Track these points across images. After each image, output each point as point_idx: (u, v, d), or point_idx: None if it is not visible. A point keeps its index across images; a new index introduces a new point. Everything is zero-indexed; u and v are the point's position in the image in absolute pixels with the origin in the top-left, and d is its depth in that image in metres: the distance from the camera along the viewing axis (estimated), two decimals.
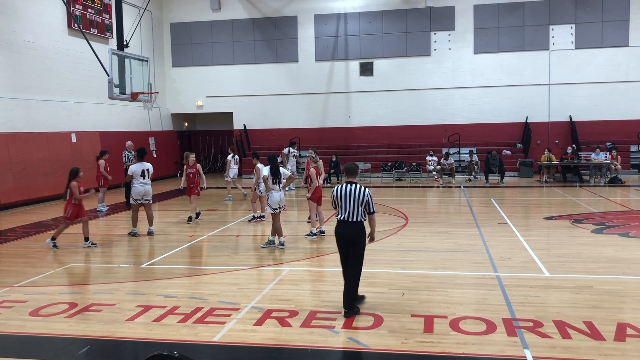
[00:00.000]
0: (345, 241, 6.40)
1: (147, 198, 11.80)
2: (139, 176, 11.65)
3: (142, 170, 11.67)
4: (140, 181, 11.66)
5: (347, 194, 6.39)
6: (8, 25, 16.99)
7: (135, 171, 11.64)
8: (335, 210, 6.57)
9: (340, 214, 6.43)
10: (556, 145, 23.80)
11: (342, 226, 6.43)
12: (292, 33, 25.78)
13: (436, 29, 24.54)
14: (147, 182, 11.76)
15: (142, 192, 11.69)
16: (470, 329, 5.80)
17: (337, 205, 6.49)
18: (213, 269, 8.68)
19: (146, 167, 11.75)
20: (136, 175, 11.63)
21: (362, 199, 6.36)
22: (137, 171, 11.64)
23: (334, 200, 6.51)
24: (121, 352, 5.61)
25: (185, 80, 26.87)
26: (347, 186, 6.44)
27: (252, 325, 6.04)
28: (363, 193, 6.38)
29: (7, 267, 9.09)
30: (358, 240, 6.35)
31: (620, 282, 7.46)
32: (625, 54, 23.16)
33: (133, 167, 11.75)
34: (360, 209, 6.37)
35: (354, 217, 6.36)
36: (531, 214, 14.03)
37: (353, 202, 6.36)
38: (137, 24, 19.52)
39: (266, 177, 10.26)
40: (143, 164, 11.79)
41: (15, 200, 16.44)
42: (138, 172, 11.64)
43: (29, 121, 17.51)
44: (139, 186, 11.67)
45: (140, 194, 11.69)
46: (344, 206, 6.39)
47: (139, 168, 11.68)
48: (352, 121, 25.71)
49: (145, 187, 11.74)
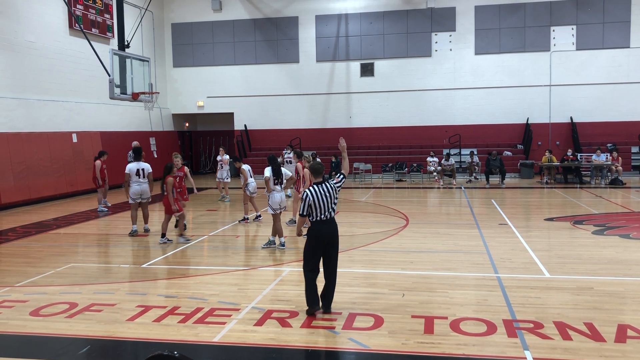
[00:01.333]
0: (327, 241, 6.37)
1: (144, 197, 11.89)
2: (134, 175, 11.75)
3: (137, 170, 11.77)
4: (136, 180, 11.76)
5: (321, 194, 6.37)
6: (9, 25, 17.01)
7: (131, 170, 11.75)
8: (305, 216, 6.43)
9: (317, 215, 6.36)
10: (557, 147, 23.79)
11: (322, 226, 6.37)
12: (293, 33, 25.79)
13: (437, 29, 24.54)
14: (142, 182, 11.83)
15: (138, 192, 11.79)
16: (470, 330, 5.80)
17: (314, 209, 6.34)
18: (213, 269, 8.68)
19: (141, 167, 11.83)
20: (132, 174, 11.74)
21: (335, 194, 6.45)
22: (133, 170, 11.75)
23: (311, 204, 6.32)
24: (121, 352, 5.61)
25: (186, 81, 26.88)
26: (318, 187, 6.41)
27: (253, 326, 6.04)
28: (333, 187, 6.45)
29: (7, 267, 9.09)
30: (338, 238, 6.49)
31: (620, 284, 7.45)
32: (626, 55, 23.16)
33: (129, 167, 11.87)
34: (333, 205, 6.44)
35: (331, 213, 6.43)
36: (532, 215, 14.02)
37: (329, 200, 6.39)
38: (138, 24, 19.54)
39: (268, 178, 10.26)
40: (139, 163, 11.90)
41: (16, 200, 16.45)
42: (133, 171, 11.75)
43: (30, 121, 17.52)
44: (135, 185, 11.76)
45: (137, 194, 11.78)
46: (320, 207, 6.34)
47: (134, 167, 11.79)
48: (353, 122, 25.72)
49: (142, 186, 11.81)
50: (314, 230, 6.40)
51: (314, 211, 6.35)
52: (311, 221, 6.43)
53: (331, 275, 6.46)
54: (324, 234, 6.35)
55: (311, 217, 6.39)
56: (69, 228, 12.82)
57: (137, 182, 11.76)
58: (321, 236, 6.35)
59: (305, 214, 6.41)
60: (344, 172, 6.73)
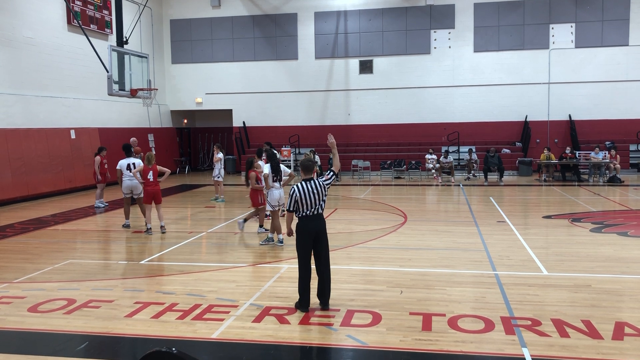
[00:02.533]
0: (315, 235, 6.39)
1: (136, 193, 12.02)
2: (125, 170, 11.96)
3: (128, 164, 11.99)
4: (127, 175, 11.99)
5: (309, 190, 6.40)
6: (7, 21, 16.95)
7: (122, 165, 12.00)
8: (292, 212, 6.49)
9: (303, 211, 6.40)
10: (555, 144, 23.81)
11: (309, 221, 6.41)
12: (292, 30, 25.76)
13: (436, 27, 24.53)
14: (133, 177, 11.96)
15: (129, 187, 12.04)
16: (468, 327, 5.81)
17: (300, 204, 6.39)
18: (212, 266, 8.68)
19: (132, 162, 12.04)
20: (123, 169, 11.98)
21: (324, 191, 6.48)
22: (123, 165, 11.99)
23: (297, 200, 6.37)
24: (120, 348, 5.61)
25: (185, 77, 26.84)
26: (307, 183, 6.45)
27: (251, 322, 6.04)
28: (322, 185, 6.48)
29: (5, 263, 9.08)
30: (326, 232, 6.51)
31: (618, 281, 7.47)
32: (625, 53, 23.16)
33: (120, 162, 12.15)
34: (322, 202, 6.46)
35: (319, 209, 6.45)
36: (530, 212, 14.04)
37: (317, 196, 6.41)
38: (136, 21, 19.49)
39: (267, 174, 10.28)
40: (129, 158, 12.14)
41: (14, 196, 16.42)
42: (124, 167, 11.97)
43: (28, 117, 17.48)
44: (126, 180, 12.03)
45: (128, 188, 12.04)
46: (308, 203, 6.38)
47: (124, 163, 12.04)
48: (352, 119, 25.71)
49: (132, 181, 12.04)
50: (300, 226, 6.46)
51: (301, 207, 6.40)
52: (298, 217, 6.48)
53: (324, 271, 6.47)
54: (310, 229, 6.39)
55: (298, 213, 6.45)
56: (67, 224, 12.81)
57: (128, 177, 12.01)
58: (307, 231, 6.39)
59: (292, 210, 6.48)
60: (334, 170, 6.72)
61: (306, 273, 6.41)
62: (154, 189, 11.11)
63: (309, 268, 6.43)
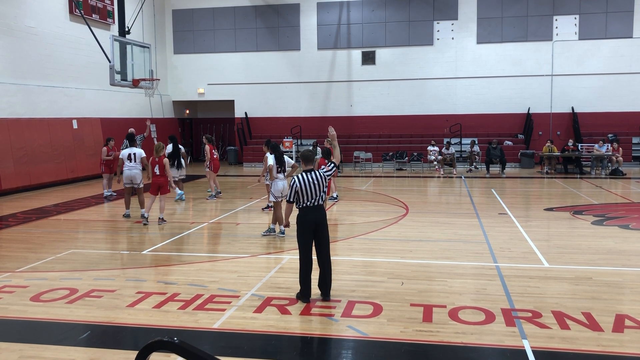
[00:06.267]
0: (315, 226, 6.41)
1: (135, 183, 12.03)
2: (126, 160, 12.04)
3: (129, 154, 12.05)
4: (127, 165, 12.03)
5: (310, 181, 6.42)
6: (9, 11, 16.91)
7: (123, 155, 12.09)
8: (292, 202, 6.52)
9: (303, 202, 6.42)
10: (558, 137, 23.75)
11: (309, 212, 6.43)
12: (295, 21, 25.65)
13: (439, 18, 24.40)
14: (133, 167, 12.03)
15: (129, 176, 12.05)
16: (469, 319, 5.82)
17: (301, 195, 6.42)
18: (213, 256, 8.70)
19: (133, 152, 12.09)
20: (124, 159, 12.05)
21: (324, 182, 6.50)
22: (125, 155, 12.06)
23: (298, 191, 6.40)
24: (121, 338, 5.64)
25: (187, 68, 26.78)
26: (307, 174, 6.48)
27: (252, 313, 6.07)
28: (322, 176, 6.50)
29: (8, 253, 9.12)
30: (326, 223, 6.52)
31: (619, 274, 7.48)
32: (629, 45, 23.02)
33: (122, 152, 12.24)
34: (322, 193, 6.48)
35: (319, 200, 6.47)
36: (532, 205, 14.03)
37: (317, 188, 6.43)
38: (139, 10, 19.42)
39: (271, 165, 10.32)
40: (131, 148, 12.21)
41: (17, 185, 16.46)
42: (125, 156, 12.04)
43: (30, 107, 17.48)
44: (126, 170, 12.05)
45: (127, 178, 12.06)
46: (309, 194, 6.41)
47: (126, 152, 12.11)
48: (354, 110, 25.66)
49: (132, 171, 12.06)
50: (300, 217, 6.48)
51: (301, 198, 6.43)
52: (297, 208, 6.51)
53: (325, 262, 6.48)
54: (310, 220, 6.41)
55: (298, 204, 6.48)
56: (69, 214, 12.84)
57: (128, 167, 12.03)
58: (307, 222, 6.41)
59: (292, 201, 6.51)
60: (334, 161, 6.74)
61: (307, 264, 6.42)
62: (159, 180, 11.18)
63: (309, 259, 6.45)
